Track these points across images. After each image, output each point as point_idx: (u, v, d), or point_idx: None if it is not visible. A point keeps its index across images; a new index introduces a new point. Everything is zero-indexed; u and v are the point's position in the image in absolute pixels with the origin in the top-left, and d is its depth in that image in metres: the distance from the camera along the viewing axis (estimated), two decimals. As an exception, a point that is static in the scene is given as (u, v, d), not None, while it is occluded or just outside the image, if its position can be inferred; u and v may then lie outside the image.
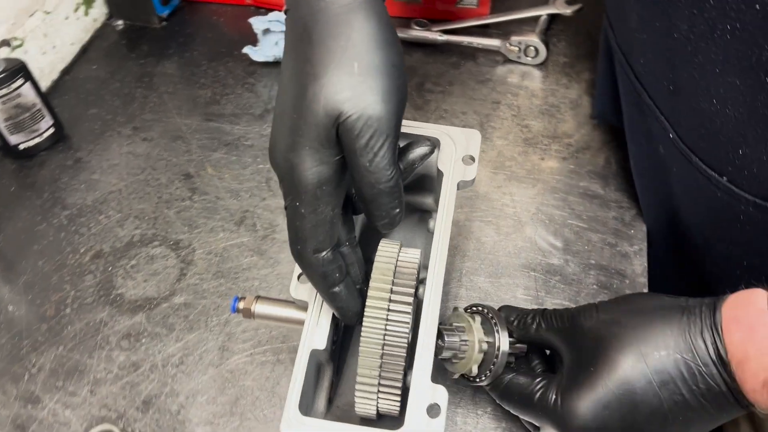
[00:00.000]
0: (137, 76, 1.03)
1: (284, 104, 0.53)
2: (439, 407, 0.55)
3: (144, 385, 0.71)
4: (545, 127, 0.92)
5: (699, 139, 0.66)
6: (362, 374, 0.57)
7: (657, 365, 0.52)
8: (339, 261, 0.56)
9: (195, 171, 0.90)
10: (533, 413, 0.59)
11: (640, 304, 0.57)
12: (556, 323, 0.60)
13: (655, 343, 0.53)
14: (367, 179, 0.52)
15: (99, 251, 0.82)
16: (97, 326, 0.76)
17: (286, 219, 0.55)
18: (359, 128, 0.50)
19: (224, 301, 0.78)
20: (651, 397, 0.52)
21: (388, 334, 0.56)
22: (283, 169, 0.53)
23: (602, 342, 0.55)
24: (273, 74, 1.02)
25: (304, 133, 0.51)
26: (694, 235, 0.76)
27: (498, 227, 0.82)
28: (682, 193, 0.74)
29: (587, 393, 0.54)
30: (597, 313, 0.58)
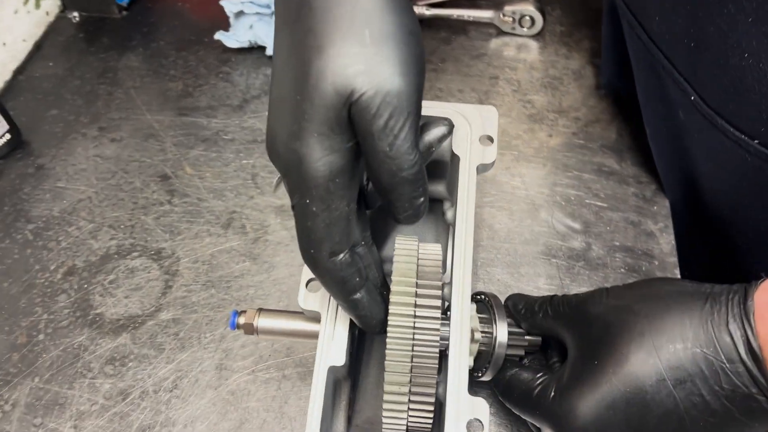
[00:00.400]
0: (99, 71, 0.94)
1: (283, 86, 0.46)
2: (481, 423, 0.48)
3: (135, 416, 0.63)
4: (549, 102, 0.86)
5: (726, 99, 0.60)
6: (390, 390, 0.50)
7: (672, 360, 0.46)
8: (358, 263, 0.49)
9: (172, 171, 0.82)
10: (530, 412, 0.53)
11: (655, 289, 0.51)
12: (563, 310, 0.54)
13: (671, 335, 0.46)
14: (388, 166, 0.45)
15: (72, 267, 0.74)
16: (75, 352, 0.68)
17: (295, 220, 0.47)
18: (376, 107, 0.43)
19: (217, 314, 0.70)
20: (664, 397, 0.46)
21: (417, 342, 0.49)
22: (287, 162, 0.46)
23: (609, 331, 0.49)
24: (249, 61, 0.94)
25: (310, 118, 0.44)
26: (721, 207, 0.71)
27: (511, 212, 0.75)
28: (705, 161, 0.69)
29: (589, 390, 0.48)
30: (606, 299, 0.52)
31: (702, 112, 0.63)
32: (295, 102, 0.44)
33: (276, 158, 0.47)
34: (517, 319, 0.58)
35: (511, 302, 0.59)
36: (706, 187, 0.71)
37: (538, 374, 0.53)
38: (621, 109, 0.84)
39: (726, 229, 0.72)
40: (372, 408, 0.61)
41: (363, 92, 0.43)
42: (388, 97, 0.43)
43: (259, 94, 0.90)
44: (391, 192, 0.46)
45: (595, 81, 0.88)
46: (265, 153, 0.85)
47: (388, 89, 0.43)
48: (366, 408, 0.61)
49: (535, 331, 0.57)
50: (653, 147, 0.76)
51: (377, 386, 0.62)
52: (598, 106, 0.85)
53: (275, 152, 0.47)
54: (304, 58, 0.44)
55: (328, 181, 0.45)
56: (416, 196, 0.47)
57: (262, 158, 0.83)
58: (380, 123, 0.43)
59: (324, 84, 0.43)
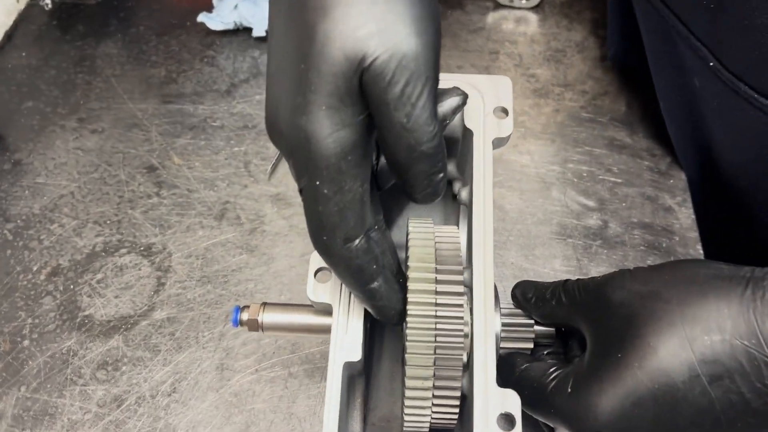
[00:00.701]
0: (76, 60, 0.89)
1: (283, 55, 0.41)
2: (513, 417, 0.45)
3: (132, 423, 0.59)
4: (554, 75, 0.82)
5: (749, 63, 0.57)
6: (412, 386, 0.46)
7: (707, 354, 0.41)
8: (374, 250, 0.44)
9: (159, 162, 0.77)
10: (544, 410, 0.47)
11: (686, 272, 0.45)
12: (579, 297, 0.48)
13: (707, 325, 0.41)
14: (405, 140, 0.40)
15: (56, 267, 0.69)
16: (64, 357, 0.63)
17: (304, 205, 0.43)
18: (391, 72, 0.39)
19: (215, 311, 0.66)
20: (697, 395, 0.41)
21: (440, 332, 0.45)
22: (292, 140, 0.41)
23: (635, 321, 0.43)
24: (235, 43, 0.89)
25: (317, 89, 0.39)
26: (740, 179, 0.68)
27: (521, 192, 0.72)
28: (724, 131, 0.65)
29: (611, 386, 0.43)
30: (629, 283, 0.46)
31: (722, 79, 0.60)
32: (299, 72, 0.40)
33: (278, 137, 0.43)
34: (527, 309, 0.52)
35: (519, 291, 0.53)
36: (724, 159, 0.68)
37: (551, 368, 0.48)
38: (629, 81, 0.81)
39: (745, 202, 0.68)
40: (387, 404, 0.57)
41: (376, 56, 0.38)
42: (405, 60, 0.39)
43: (248, 78, 0.85)
44: (409, 169, 0.42)
45: (600, 52, 0.84)
46: (257, 139, 0.81)
47: (404, 52, 0.39)
48: (381, 405, 0.57)
49: (548, 322, 0.52)
50: (667, 119, 0.73)
51: (391, 380, 0.58)
52: (605, 78, 0.81)
53: (277, 131, 0.42)
54: (308, 21, 0.40)
55: (339, 160, 0.41)
56: (435, 171, 0.43)
57: (254, 145, 0.78)
58: (396, 91, 0.39)
59: (331, 49, 0.39)
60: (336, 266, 0.44)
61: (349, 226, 0.42)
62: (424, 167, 0.42)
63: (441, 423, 0.49)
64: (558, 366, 0.49)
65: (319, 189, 0.41)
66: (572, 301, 0.49)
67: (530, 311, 0.52)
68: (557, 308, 0.49)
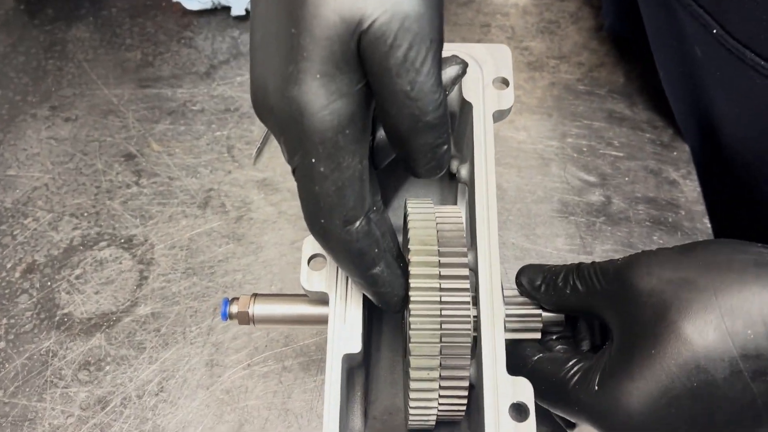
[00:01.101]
0: (46, 45, 0.84)
1: (271, 21, 0.38)
2: (526, 407, 0.42)
3: (117, 426, 0.56)
4: (548, 47, 0.79)
5: (756, 30, 0.54)
6: (418, 377, 0.43)
7: (750, 348, 0.38)
8: (375, 232, 0.41)
9: (137, 149, 0.73)
10: (566, 406, 0.44)
11: (721, 256, 0.41)
12: (599, 284, 0.45)
13: (749, 318, 0.38)
14: (409, 110, 0.37)
15: (31, 263, 0.65)
16: (43, 358, 0.60)
17: (298, 185, 0.40)
18: (393, 35, 0.35)
19: (202, 304, 0.62)
20: (738, 392, 0.38)
21: (446, 319, 0.42)
22: (283, 115, 0.38)
23: (668, 312, 0.40)
24: (213, 23, 0.85)
25: (310, 55, 0.36)
26: (744, 152, 0.65)
27: (519, 169, 0.69)
28: (728, 101, 0.62)
29: (644, 382, 0.40)
30: (657, 269, 0.42)
31: (726, 46, 0.57)
32: (289, 37, 0.36)
33: (267, 113, 0.39)
34: (535, 297, 0.48)
35: (526, 278, 0.49)
36: (727, 131, 0.65)
37: (571, 361, 0.45)
38: (627, 51, 0.78)
39: (750, 175, 0.66)
40: (389, 396, 0.54)
41: (375, 18, 0.35)
42: (407, 21, 0.35)
43: (227, 59, 0.81)
44: (412, 141, 0.39)
45: (595, 23, 0.81)
46: (240, 122, 0.77)
47: (406, 12, 0.35)
48: (382, 397, 0.54)
49: (560, 310, 0.48)
50: (668, 90, 0.70)
51: (392, 371, 0.55)
52: (601, 49, 0.78)
53: (266, 105, 0.39)
54: None
55: (336, 134, 0.37)
56: (440, 143, 0.39)
57: (238, 128, 0.75)
58: (399, 56, 0.36)
59: (326, 10, 0.35)
60: (335, 251, 0.41)
61: (349, 206, 0.39)
62: (428, 139, 0.39)
63: (449, 415, 0.46)
64: (575, 357, 0.45)
65: (315, 167, 0.38)
66: (590, 288, 0.45)
67: (539, 300, 0.48)
68: (572, 296, 0.46)
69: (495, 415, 0.42)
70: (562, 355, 0.46)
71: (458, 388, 0.44)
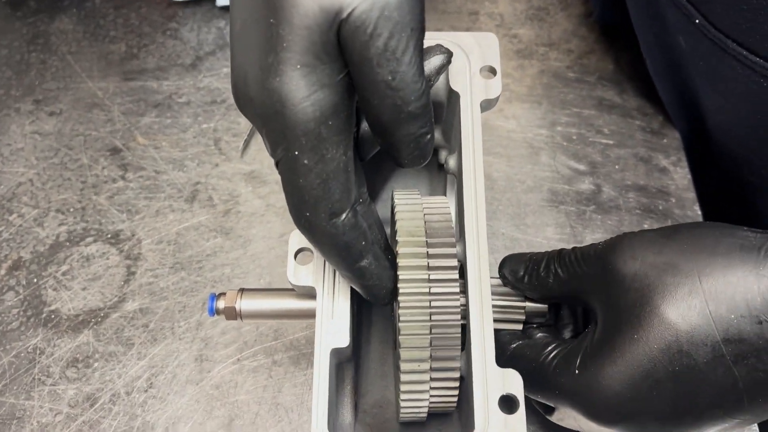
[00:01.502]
0: (28, 38, 0.83)
1: (249, 11, 0.37)
2: (516, 399, 0.42)
3: (107, 423, 0.55)
4: (537, 35, 0.78)
5: (738, 19, 0.54)
6: (408, 369, 0.43)
7: (733, 333, 0.38)
8: (361, 224, 0.41)
9: (123, 143, 0.72)
10: (546, 390, 0.44)
11: (706, 240, 0.41)
12: (580, 269, 0.44)
13: (733, 301, 0.38)
14: (390, 100, 0.37)
15: (17, 260, 0.64)
16: (30, 356, 0.59)
17: (282, 179, 0.39)
18: (373, 24, 0.35)
19: (190, 299, 0.62)
20: (720, 376, 0.38)
21: (436, 310, 0.42)
22: (264, 107, 0.37)
23: (651, 296, 0.40)
24: (199, 14, 0.83)
25: (290, 46, 0.35)
26: (729, 143, 0.65)
27: (509, 158, 0.68)
28: (712, 92, 0.62)
29: (626, 367, 0.40)
30: (640, 252, 0.42)
31: (709, 36, 0.56)
32: (268, 27, 0.36)
33: (248, 105, 0.38)
34: (518, 288, 0.48)
35: (508, 269, 0.48)
36: (712, 120, 0.65)
37: (550, 345, 0.45)
38: (616, 38, 0.77)
39: (736, 163, 0.65)
40: (379, 389, 0.54)
41: (354, 6, 0.34)
42: (387, 10, 0.35)
43: (213, 50, 0.80)
44: (395, 131, 0.38)
45: (584, 9, 0.80)
46: (227, 114, 0.77)
47: (386, 0, 0.35)
48: (372, 390, 0.54)
49: (544, 298, 0.48)
50: (655, 79, 0.70)
51: (382, 364, 0.55)
52: (591, 36, 0.78)
53: (246, 97, 0.38)
54: None
55: (319, 125, 0.37)
56: (424, 133, 0.39)
57: (224, 121, 0.74)
58: (379, 44, 0.35)
59: (304, 0, 0.34)
60: (321, 245, 0.40)
61: (334, 199, 0.39)
62: (411, 129, 0.38)
63: (440, 407, 0.46)
64: (554, 342, 0.45)
65: (299, 160, 0.37)
66: (572, 274, 0.45)
67: (523, 290, 0.48)
68: (555, 284, 0.45)
69: (485, 407, 0.41)
70: (542, 341, 0.46)
71: (449, 380, 0.43)
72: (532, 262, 0.47)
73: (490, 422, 0.41)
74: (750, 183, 0.66)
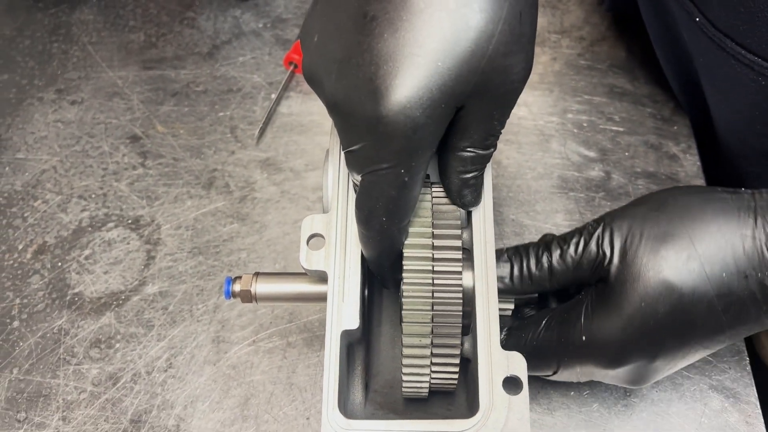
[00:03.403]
0: (50, 28, 0.85)
1: (421, 28, 0.39)
2: (520, 380, 0.43)
3: (128, 401, 0.58)
4: (549, 22, 0.78)
5: (736, 19, 0.54)
6: (410, 344, 0.44)
7: (723, 288, 0.43)
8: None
9: (142, 131, 0.74)
10: (552, 357, 0.48)
11: (692, 207, 0.45)
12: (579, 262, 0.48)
13: (724, 261, 0.43)
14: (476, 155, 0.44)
15: (42, 245, 0.67)
16: (56, 337, 0.61)
17: (366, 186, 0.42)
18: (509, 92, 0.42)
19: (208, 283, 0.64)
20: (713, 324, 0.44)
21: (438, 288, 0.44)
22: (396, 125, 0.39)
23: (654, 265, 0.44)
24: (216, 3, 0.85)
25: (447, 88, 0.39)
26: (729, 135, 0.65)
27: (519, 146, 0.69)
28: (712, 88, 0.62)
29: (632, 326, 0.44)
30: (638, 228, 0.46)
31: (708, 35, 0.57)
32: (437, 62, 0.39)
33: (376, 120, 0.39)
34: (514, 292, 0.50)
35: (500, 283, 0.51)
36: (714, 114, 0.65)
37: (546, 317, 0.49)
38: (628, 25, 0.77)
39: (735, 156, 0.66)
40: (390, 370, 0.55)
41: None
42: (515, 85, 0.42)
43: (230, 39, 0.82)
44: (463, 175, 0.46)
45: (597, -3, 0.81)
46: (243, 103, 0.78)
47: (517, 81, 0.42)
48: (383, 371, 0.55)
49: (545, 292, 0.52)
50: (664, 68, 0.70)
51: (393, 347, 0.57)
52: (603, 24, 0.78)
53: (387, 109, 0.39)
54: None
55: (430, 153, 0.42)
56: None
57: (240, 109, 0.75)
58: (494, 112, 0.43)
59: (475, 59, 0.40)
60: (380, 246, 0.44)
61: (410, 207, 0.43)
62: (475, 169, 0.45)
63: (441, 384, 0.47)
64: (547, 313, 0.49)
65: (402, 177, 0.41)
66: (569, 266, 0.48)
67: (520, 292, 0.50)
68: (553, 282, 0.49)
69: (489, 389, 0.43)
70: (538, 316, 0.49)
71: (450, 356, 0.45)
72: (523, 253, 0.49)
73: (495, 403, 0.42)
74: (750, 173, 0.66)
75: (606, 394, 0.55)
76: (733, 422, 0.54)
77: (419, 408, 0.52)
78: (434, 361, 0.46)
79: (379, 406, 0.52)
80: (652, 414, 0.54)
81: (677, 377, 0.56)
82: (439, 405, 0.52)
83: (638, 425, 0.54)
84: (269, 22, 0.83)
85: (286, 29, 0.82)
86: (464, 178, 0.44)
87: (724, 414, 0.54)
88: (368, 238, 0.44)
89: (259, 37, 0.81)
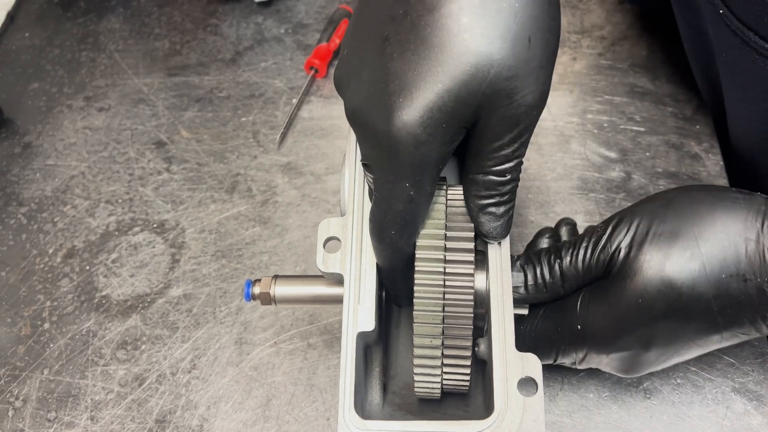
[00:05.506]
0: (79, 37, 0.88)
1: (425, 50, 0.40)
2: (535, 382, 0.43)
3: (154, 401, 0.59)
4: (569, 22, 0.78)
5: (760, 12, 0.53)
6: (420, 344, 0.45)
7: (722, 289, 0.44)
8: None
9: (167, 137, 0.76)
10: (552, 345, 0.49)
11: (701, 206, 0.45)
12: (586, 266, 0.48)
13: (725, 262, 0.43)
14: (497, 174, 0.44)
15: (71, 249, 0.69)
16: (84, 338, 0.63)
17: (377, 198, 0.43)
18: (518, 117, 0.41)
19: (231, 285, 0.65)
20: (708, 323, 0.44)
21: (449, 290, 0.44)
22: (398, 143, 0.40)
23: (656, 263, 0.45)
24: (237, 10, 0.86)
25: (448, 109, 0.40)
26: (746, 134, 0.64)
27: (539, 146, 0.69)
28: (732, 83, 0.61)
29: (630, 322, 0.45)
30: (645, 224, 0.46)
31: (731, 27, 0.56)
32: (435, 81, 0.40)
33: (384, 133, 0.41)
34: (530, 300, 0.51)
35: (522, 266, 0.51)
36: (731, 112, 0.64)
37: (540, 310, 0.50)
38: (649, 24, 0.77)
39: (754, 156, 0.64)
40: (408, 372, 0.55)
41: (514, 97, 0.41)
42: (533, 106, 0.42)
43: (252, 45, 0.83)
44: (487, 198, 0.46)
45: (618, -5, 0.80)
46: (265, 108, 0.79)
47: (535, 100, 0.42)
48: (402, 373, 0.55)
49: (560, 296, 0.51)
50: (692, 66, 0.69)
51: (411, 349, 0.57)
52: (624, 22, 0.77)
53: (392, 125, 0.40)
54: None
55: (435, 167, 0.42)
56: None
57: (262, 114, 0.77)
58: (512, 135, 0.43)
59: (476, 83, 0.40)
60: (390, 257, 0.45)
61: (419, 222, 0.44)
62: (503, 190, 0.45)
63: (453, 385, 0.47)
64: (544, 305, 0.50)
65: (406, 191, 0.42)
66: (585, 271, 0.48)
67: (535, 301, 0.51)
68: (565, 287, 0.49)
69: (504, 390, 0.43)
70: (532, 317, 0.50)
71: (461, 357, 0.45)
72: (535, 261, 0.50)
73: (510, 404, 0.43)
74: (762, 176, 0.65)
75: (626, 396, 0.55)
76: (756, 425, 0.53)
77: (437, 409, 0.52)
78: (445, 362, 0.46)
79: (397, 408, 0.53)
80: (673, 416, 0.54)
81: (698, 379, 0.55)
82: (456, 406, 0.52)
83: (658, 428, 0.54)
84: (290, 27, 0.84)
85: (307, 35, 0.83)
86: (480, 204, 0.45)
87: (747, 417, 0.54)
88: (380, 250, 0.45)
89: (281, 43, 0.82)
